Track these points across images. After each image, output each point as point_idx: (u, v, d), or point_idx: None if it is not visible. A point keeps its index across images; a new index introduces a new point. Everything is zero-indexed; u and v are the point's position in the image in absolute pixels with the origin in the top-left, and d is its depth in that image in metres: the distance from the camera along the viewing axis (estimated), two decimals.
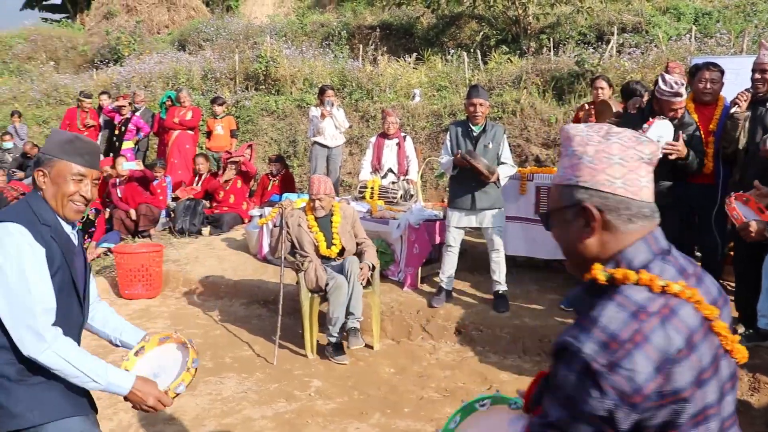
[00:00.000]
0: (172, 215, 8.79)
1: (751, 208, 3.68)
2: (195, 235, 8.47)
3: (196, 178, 9.51)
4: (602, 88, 6.68)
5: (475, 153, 5.45)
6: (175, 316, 6.20)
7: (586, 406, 1.26)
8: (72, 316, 2.30)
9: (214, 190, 9.11)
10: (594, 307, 1.34)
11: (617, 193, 1.39)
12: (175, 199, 9.20)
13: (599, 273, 1.39)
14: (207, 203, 9.01)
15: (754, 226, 3.53)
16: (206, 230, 8.61)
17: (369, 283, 5.42)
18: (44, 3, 25.29)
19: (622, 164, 1.40)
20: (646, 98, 5.42)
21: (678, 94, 4.67)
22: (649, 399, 1.24)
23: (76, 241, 2.37)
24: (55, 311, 2.16)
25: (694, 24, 12.62)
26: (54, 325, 2.15)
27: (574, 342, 1.30)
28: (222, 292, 6.67)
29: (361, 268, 5.26)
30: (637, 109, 5.17)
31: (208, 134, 10.58)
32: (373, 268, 5.38)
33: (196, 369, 2.46)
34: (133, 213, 8.42)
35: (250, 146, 9.96)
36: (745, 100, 4.66)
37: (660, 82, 4.74)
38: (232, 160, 9.18)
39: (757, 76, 4.62)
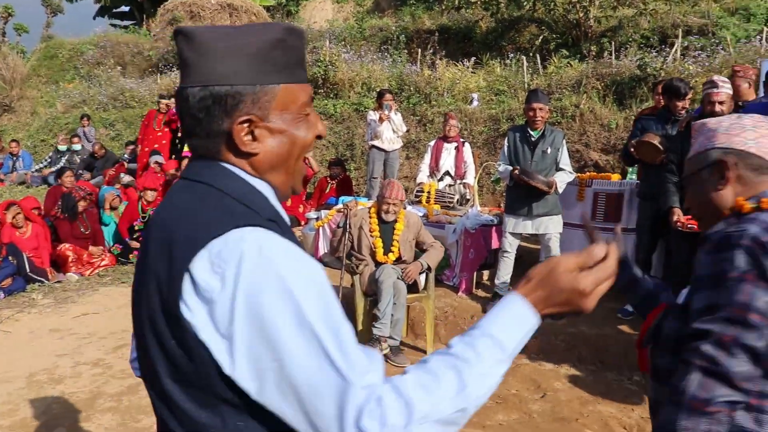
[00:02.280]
0: None
1: None
2: None
3: None
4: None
5: (531, 172, 5.41)
6: None
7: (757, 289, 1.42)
8: None
9: None
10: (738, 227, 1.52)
11: (751, 152, 1.62)
12: None
13: (746, 204, 1.59)
14: None
15: None
16: None
17: (416, 285, 5.40)
18: (114, 11, 26.14)
19: (755, 130, 1.64)
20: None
21: (713, 84, 4.69)
22: None
23: None
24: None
25: (765, 25, 12.19)
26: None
27: (738, 230, 1.50)
28: None
29: (408, 270, 5.21)
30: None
31: None
32: (429, 269, 5.34)
33: None
34: None
35: None
36: None
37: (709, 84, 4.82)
38: None
39: None
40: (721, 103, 4.64)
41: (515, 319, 1.13)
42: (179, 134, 10.82)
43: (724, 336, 1.45)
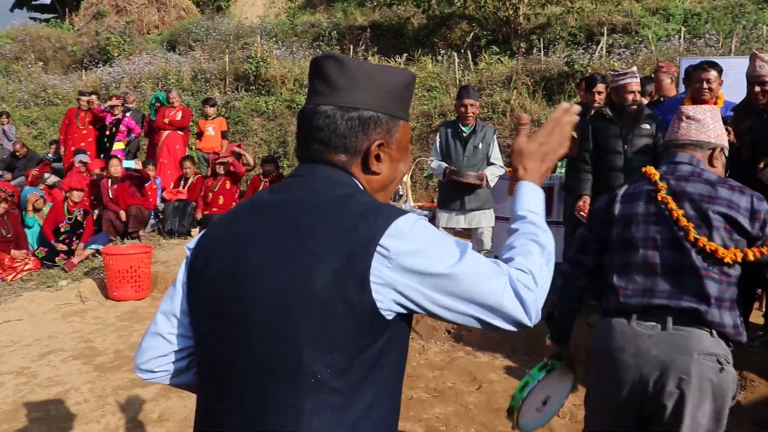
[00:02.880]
0: (161, 216, 8.76)
1: None
2: (184, 236, 8.45)
3: (182, 182, 9.48)
4: (600, 93, 5.72)
5: (460, 170, 5.48)
6: None
7: None
8: None
9: (203, 192, 9.10)
10: None
11: None
12: (164, 200, 9.18)
13: None
14: (195, 204, 8.98)
15: None
16: (196, 231, 8.58)
17: None
18: (33, 3, 25.15)
19: None
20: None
21: (632, 74, 4.93)
22: None
23: None
24: None
25: (683, 25, 12.68)
26: None
27: None
28: None
29: None
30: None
31: (199, 135, 10.56)
32: None
33: None
34: (122, 214, 8.38)
35: (239, 146, 9.94)
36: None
37: (612, 72, 5.12)
38: (220, 161, 9.17)
39: (757, 89, 4.59)
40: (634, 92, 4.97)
41: (532, 194, 1.53)
42: (107, 132, 10.50)
43: None
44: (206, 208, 9.01)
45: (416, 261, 1.21)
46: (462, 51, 13.67)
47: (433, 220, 6.27)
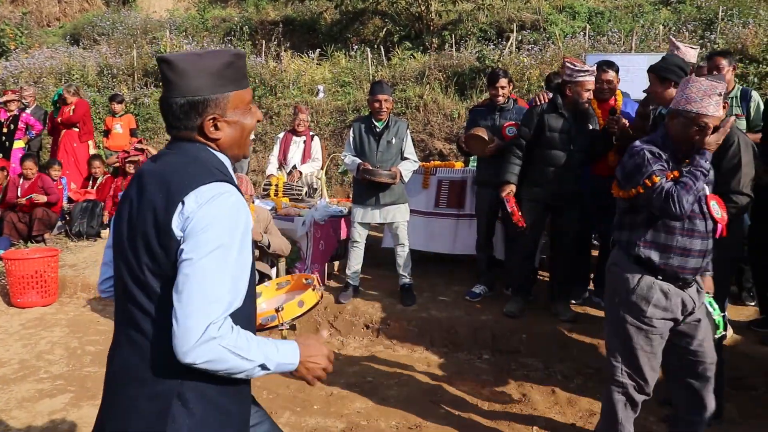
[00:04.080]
0: (68, 218, 8.40)
1: None
2: (94, 238, 8.15)
3: (90, 182, 9.13)
4: (503, 87, 5.67)
5: (373, 170, 5.49)
6: (74, 322, 5.94)
7: None
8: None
9: (113, 192, 8.79)
10: None
11: None
12: (69, 200, 8.80)
13: None
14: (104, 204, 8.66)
15: None
16: (105, 232, 8.28)
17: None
18: None
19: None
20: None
21: (592, 73, 4.96)
22: None
23: None
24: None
25: (588, 23, 13.16)
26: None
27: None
28: None
29: None
30: (549, 99, 5.32)
31: (107, 133, 10.17)
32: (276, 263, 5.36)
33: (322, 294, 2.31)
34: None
35: (140, 141, 9.63)
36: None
37: (571, 66, 5.00)
38: (130, 159, 8.88)
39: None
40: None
41: (291, 349, 1.78)
42: (4, 130, 9.95)
43: None
44: (116, 208, 8.69)
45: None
46: (375, 46, 13.73)
47: (349, 215, 6.28)
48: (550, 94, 5.35)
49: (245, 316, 1.74)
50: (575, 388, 4.56)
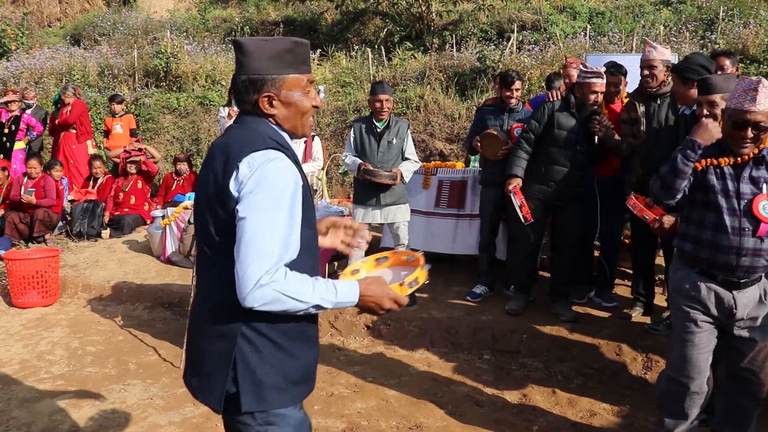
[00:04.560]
0: (69, 218, 8.41)
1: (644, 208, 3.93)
2: (94, 239, 8.16)
3: (91, 182, 9.14)
4: (518, 90, 5.73)
5: (374, 170, 5.48)
6: (75, 323, 5.95)
7: None
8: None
9: (114, 192, 8.80)
10: None
11: None
12: (71, 201, 8.80)
13: None
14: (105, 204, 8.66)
15: (667, 222, 3.74)
16: (106, 233, 8.29)
17: None
18: None
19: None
20: (562, 87, 5.68)
21: (599, 75, 4.94)
22: None
23: None
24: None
25: (588, 23, 13.16)
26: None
27: None
28: (124, 297, 6.44)
29: None
30: (561, 97, 5.30)
31: (107, 133, 10.18)
32: None
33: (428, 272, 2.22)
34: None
35: (137, 140, 9.63)
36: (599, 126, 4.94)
37: (581, 67, 5.04)
38: (131, 159, 8.89)
39: (645, 72, 4.87)
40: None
41: (350, 288, 1.96)
42: (5, 130, 9.95)
43: None
44: (117, 208, 8.71)
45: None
46: (376, 47, 13.73)
47: (349, 215, 6.27)
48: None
49: (307, 267, 1.95)
50: (576, 389, 4.56)
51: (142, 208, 8.76)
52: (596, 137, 4.99)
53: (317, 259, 2.12)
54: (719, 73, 4.73)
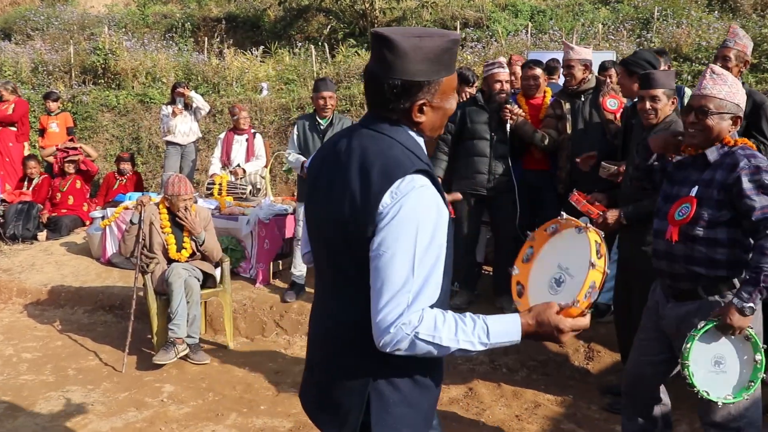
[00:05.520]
0: (2, 220, 8.11)
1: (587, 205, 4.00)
2: (30, 241, 7.90)
3: (26, 182, 8.84)
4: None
5: None
6: (9, 329, 5.75)
7: None
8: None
9: (51, 193, 8.54)
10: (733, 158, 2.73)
11: None
12: (3, 202, 8.49)
13: (731, 139, 2.81)
14: (41, 206, 8.39)
15: (611, 218, 3.82)
16: (42, 235, 8.03)
17: (213, 280, 5.31)
18: None
19: None
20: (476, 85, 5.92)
21: (501, 65, 5.23)
22: None
23: None
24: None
25: (530, 21, 13.37)
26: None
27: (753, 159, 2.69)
28: (62, 300, 6.26)
29: None
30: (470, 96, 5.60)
31: (42, 132, 9.85)
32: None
33: (605, 258, 1.88)
34: None
35: (71, 140, 9.35)
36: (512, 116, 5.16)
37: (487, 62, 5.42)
38: (70, 158, 8.64)
39: (564, 72, 5.09)
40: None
41: (506, 327, 1.67)
42: None
43: None
44: (54, 209, 8.45)
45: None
46: (319, 44, 13.67)
47: (294, 213, 6.24)
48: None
49: (440, 301, 1.69)
50: (520, 381, 4.64)
51: (80, 209, 8.52)
52: (508, 125, 5.16)
53: (449, 279, 1.85)
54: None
